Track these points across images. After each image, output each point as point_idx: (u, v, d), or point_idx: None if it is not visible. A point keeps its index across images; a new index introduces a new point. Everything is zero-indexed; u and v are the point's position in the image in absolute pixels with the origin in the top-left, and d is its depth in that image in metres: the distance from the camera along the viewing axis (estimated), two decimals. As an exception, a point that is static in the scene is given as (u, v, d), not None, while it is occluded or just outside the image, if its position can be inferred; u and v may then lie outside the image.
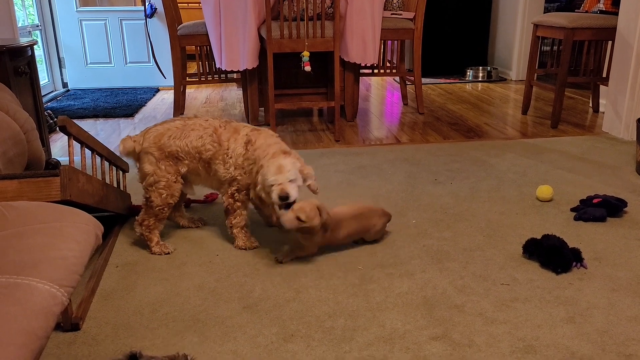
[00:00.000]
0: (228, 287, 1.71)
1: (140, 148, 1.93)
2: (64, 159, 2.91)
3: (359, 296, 1.64)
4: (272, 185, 1.76)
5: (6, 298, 0.91)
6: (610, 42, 3.48)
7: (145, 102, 4.51)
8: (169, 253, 1.94)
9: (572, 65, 3.64)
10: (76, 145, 1.82)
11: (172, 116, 3.88)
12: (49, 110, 3.69)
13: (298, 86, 3.80)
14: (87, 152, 1.92)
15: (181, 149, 1.91)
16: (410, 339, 1.44)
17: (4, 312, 0.88)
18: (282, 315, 1.55)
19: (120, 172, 2.28)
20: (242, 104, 4.33)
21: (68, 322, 1.48)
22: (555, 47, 3.97)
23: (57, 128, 1.87)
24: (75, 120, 1.91)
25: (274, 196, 1.76)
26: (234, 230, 1.95)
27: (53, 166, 2.64)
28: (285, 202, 1.76)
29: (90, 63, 5.13)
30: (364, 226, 1.92)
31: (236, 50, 3.42)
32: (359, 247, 1.95)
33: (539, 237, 1.87)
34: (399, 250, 1.93)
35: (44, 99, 4.40)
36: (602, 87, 3.85)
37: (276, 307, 1.59)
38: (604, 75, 3.63)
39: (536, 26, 3.68)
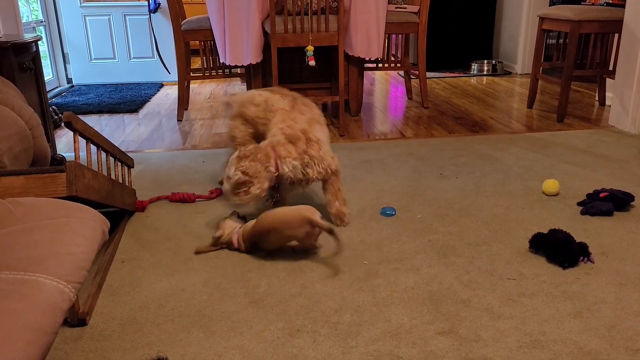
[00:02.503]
0: (234, 282, 1.71)
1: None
2: (69, 155, 2.92)
3: (364, 291, 1.64)
4: None
5: (14, 294, 0.91)
6: (616, 35, 3.46)
7: (150, 98, 4.51)
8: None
9: (578, 59, 3.62)
10: (81, 141, 1.82)
11: (175, 112, 3.88)
12: (53, 106, 3.69)
13: (302, 81, 3.79)
14: (93, 147, 1.92)
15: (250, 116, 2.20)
16: (416, 334, 1.44)
17: (12, 309, 0.88)
18: (288, 310, 1.55)
19: (126, 168, 2.28)
20: (246, 99, 4.32)
21: (75, 318, 1.49)
22: (561, 40, 3.95)
23: (62, 124, 1.87)
24: (79, 116, 1.90)
25: None
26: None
27: (58, 162, 2.64)
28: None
29: (95, 58, 5.13)
30: (280, 238, 1.83)
31: (240, 45, 3.41)
32: (364, 242, 1.95)
33: (545, 231, 1.86)
34: (405, 245, 1.92)
35: (49, 95, 4.41)
36: (608, 80, 3.83)
37: (282, 302, 1.59)
38: (611, 68, 3.60)
39: (542, 19, 3.66)
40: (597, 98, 4.01)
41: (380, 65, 4.14)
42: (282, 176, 1.95)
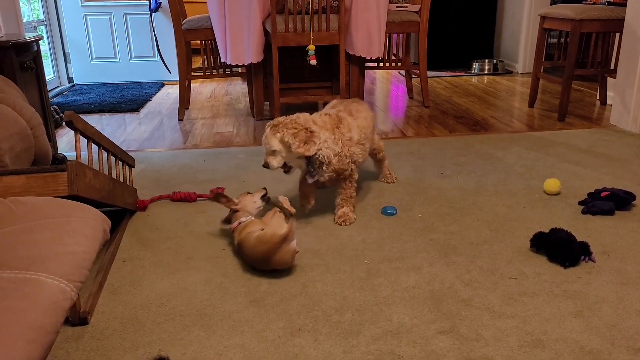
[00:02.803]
0: (235, 281, 1.71)
1: None
2: (70, 154, 2.92)
3: (365, 290, 1.64)
4: None
5: (15, 293, 0.91)
6: (618, 34, 3.45)
7: (151, 97, 4.51)
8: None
9: (580, 58, 3.62)
10: (82, 141, 1.82)
11: (176, 111, 3.88)
12: (54, 106, 3.69)
13: (303, 80, 3.79)
14: (94, 147, 1.92)
15: None
16: (417, 333, 1.44)
17: (14, 308, 0.88)
18: (289, 309, 1.55)
19: (127, 167, 2.28)
20: (247, 98, 4.33)
21: (76, 317, 1.49)
22: (562, 39, 3.95)
23: (63, 123, 1.88)
24: (80, 115, 1.91)
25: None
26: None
27: (60, 161, 2.64)
28: (267, 168, 1.98)
29: (96, 58, 5.13)
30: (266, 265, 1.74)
31: (241, 44, 3.41)
32: (365, 241, 1.95)
33: (546, 230, 1.86)
34: (406, 244, 1.92)
35: (50, 94, 4.41)
36: (609, 80, 3.82)
37: (283, 301, 1.59)
38: (612, 67, 3.60)
39: (543, 18, 3.66)
40: (598, 97, 4.01)
41: (381, 64, 4.14)
42: (316, 147, 1.92)
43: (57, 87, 5.01)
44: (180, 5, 3.71)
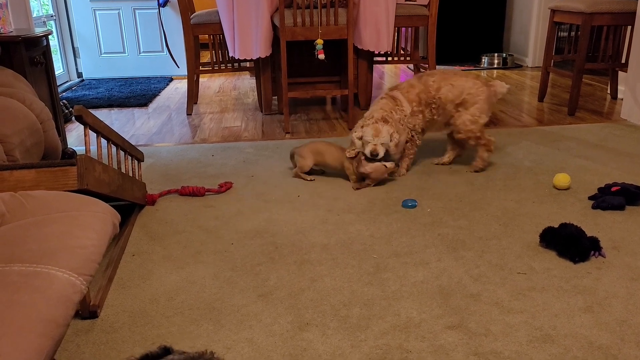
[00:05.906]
0: (243, 275, 1.71)
1: None
2: (79, 149, 2.94)
3: (374, 285, 1.64)
4: (369, 143, 2.35)
5: (26, 286, 0.92)
6: (629, 27, 3.41)
7: (159, 92, 4.52)
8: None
9: (590, 51, 3.58)
10: (92, 135, 1.83)
11: (185, 106, 3.89)
12: (64, 100, 3.71)
13: (311, 74, 3.78)
14: (103, 141, 1.93)
15: None
16: (425, 328, 1.44)
17: (25, 301, 0.89)
18: (297, 303, 1.56)
19: (136, 162, 2.29)
20: (255, 93, 4.33)
21: (86, 310, 1.50)
22: (572, 33, 3.91)
23: (73, 118, 1.89)
24: (90, 110, 1.92)
25: (367, 151, 2.35)
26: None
27: (69, 156, 2.66)
28: (374, 158, 2.35)
29: (104, 53, 5.15)
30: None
31: (249, 38, 3.40)
32: (374, 235, 1.95)
33: (556, 225, 1.85)
34: (414, 238, 1.92)
35: (59, 89, 4.43)
36: (620, 74, 3.78)
37: (291, 295, 1.60)
38: (623, 61, 3.56)
39: (553, 11, 3.62)
40: (609, 91, 3.97)
41: (389, 58, 4.12)
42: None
43: (67, 81, 5.03)
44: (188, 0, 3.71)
